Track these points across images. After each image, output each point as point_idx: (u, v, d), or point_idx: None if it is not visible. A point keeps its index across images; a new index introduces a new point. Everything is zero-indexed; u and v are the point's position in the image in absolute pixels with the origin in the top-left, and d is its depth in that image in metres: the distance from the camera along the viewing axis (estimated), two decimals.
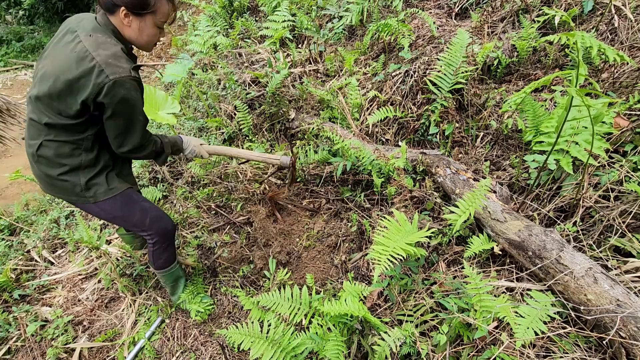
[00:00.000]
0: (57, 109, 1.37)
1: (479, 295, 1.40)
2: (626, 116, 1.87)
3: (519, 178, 1.99)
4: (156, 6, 1.39)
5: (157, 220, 1.74)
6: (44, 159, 1.46)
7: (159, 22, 1.44)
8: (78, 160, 1.48)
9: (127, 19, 1.38)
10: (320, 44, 3.40)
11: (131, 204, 1.66)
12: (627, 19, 2.25)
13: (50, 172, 1.48)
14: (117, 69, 1.30)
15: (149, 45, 1.50)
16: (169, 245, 1.86)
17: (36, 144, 1.44)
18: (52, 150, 1.44)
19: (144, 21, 1.40)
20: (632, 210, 1.57)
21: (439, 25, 2.88)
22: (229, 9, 4.30)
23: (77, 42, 1.33)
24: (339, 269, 2.06)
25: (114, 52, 1.33)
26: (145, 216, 1.70)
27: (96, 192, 1.54)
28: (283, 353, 1.50)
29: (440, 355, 1.39)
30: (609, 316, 1.27)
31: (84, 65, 1.29)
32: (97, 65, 1.28)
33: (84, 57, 1.29)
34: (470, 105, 2.42)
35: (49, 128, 1.40)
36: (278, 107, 2.93)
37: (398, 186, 2.12)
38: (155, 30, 1.46)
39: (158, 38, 1.50)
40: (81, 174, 1.51)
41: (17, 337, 2.11)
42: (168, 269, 1.93)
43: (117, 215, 1.65)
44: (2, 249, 2.63)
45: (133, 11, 1.36)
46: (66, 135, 1.42)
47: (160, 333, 2.03)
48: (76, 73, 1.29)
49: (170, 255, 1.90)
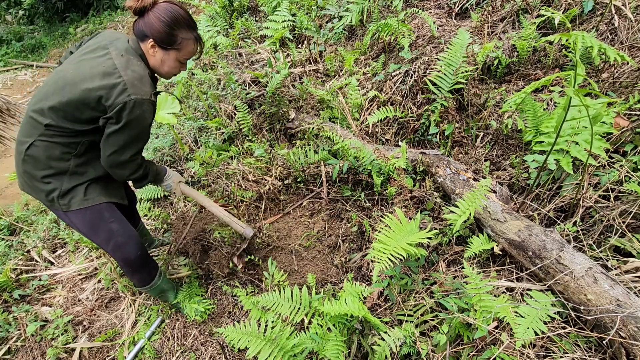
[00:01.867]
0: (65, 113, 1.38)
1: (479, 295, 1.40)
2: (626, 116, 1.87)
3: (519, 178, 1.99)
4: (182, 44, 1.48)
5: (120, 247, 1.69)
6: (32, 158, 1.45)
7: (181, 58, 1.52)
8: (67, 165, 1.48)
9: (153, 50, 1.47)
10: (320, 44, 3.40)
11: (99, 223, 1.61)
12: (627, 19, 2.25)
13: (35, 173, 1.47)
14: (140, 91, 1.37)
15: (168, 76, 1.58)
16: (135, 271, 1.82)
17: (27, 142, 1.43)
18: (42, 151, 1.43)
19: (168, 55, 1.49)
20: (632, 210, 1.57)
21: (439, 25, 2.88)
22: (229, 9, 4.30)
23: (107, 58, 1.40)
24: (339, 269, 2.06)
25: (141, 75, 1.41)
26: (109, 240, 1.65)
27: (71, 201, 1.52)
28: (281, 352, 1.50)
29: (440, 355, 1.39)
30: (609, 316, 1.27)
31: (109, 80, 1.34)
32: (122, 83, 1.34)
33: (111, 72, 1.36)
34: (470, 105, 2.42)
35: (47, 129, 1.41)
36: (278, 107, 2.93)
37: (398, 186, 2.12)
38: (177, 64, 1.54)
39: (178, 71, 1.58)
40: (65, 180, 1.50)
41: (17, 337, 2.11)
42: (147, 286, 1.91)
43: (82, 231, 1.62)
44: (2, 248, 2.64)
45: (159, 44, 1.45)
46: (61, 138, 1.43)
47: (160, 333, 2.03)
48: (98, 84, 1.34)
49: (143, 276, 1.87)
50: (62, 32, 8.16)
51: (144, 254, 1.81)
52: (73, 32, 7.82)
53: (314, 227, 2.30)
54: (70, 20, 8.53)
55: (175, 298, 2.06)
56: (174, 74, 1.58)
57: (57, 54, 7.30)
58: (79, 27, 8.03)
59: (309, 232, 2.27)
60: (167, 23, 1.41)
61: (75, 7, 8.64)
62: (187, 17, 1.46)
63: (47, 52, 7.65)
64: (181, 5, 1.47)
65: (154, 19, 1.41)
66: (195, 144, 3.07)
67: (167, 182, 1.86)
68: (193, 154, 2.96)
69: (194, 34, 1.50)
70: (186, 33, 1.47)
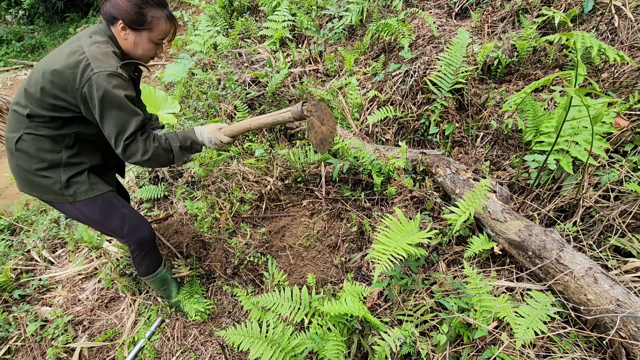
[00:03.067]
0: (41, 101, 1.38)
1: (479, 295, 1.40)
2: (626, 116, 1.86)
3: (519, 178, 1.99)
4: (153, 24, 1.43)
5: (135, 228, 1.71)
6: (23, 153, 1.44)
7: (155, 38, 1.47)
8: (59, 157, 1.47)
9: (124, 32, 1.43)
10: (320, 43, 3.40)
11: (111, 209, 1.62)
12: (627, 19, 2.25)
13: (28, 167, 1.46)
14: (103, 64, 1.33)
15: (144, 59, 1.53)
16: (148, 253, 1.83)
17: (15, 137, 1.43)
18: (32, 144, 1.43)
19: (140, 36, 1.44)
20: (632, 210, 1.57)
21: (439, 25, 2.88)
22: (229, 9, 4.30)
23: (74, 41, 1.41)
24: (339, 269, 2.06)
25: (106, 52, 1.38)
26: (124, 224, 1.67)
27: (76, 191, 1.52)
28: (282, 353, 1.50)
29: (440, 355, 1.39)
30: (609, 316, 1.27)
31: (73, 58, 1.33)
32: (85, 59, 1.32)
33: (75, 51, 1.35)
34: (470, 105, 2.42)
35: (30, 120, 1.40)
36: (278, 107, 2.93)
37: (398, 186, 2.12)
38: (151, 46, 1.49)
39: (154, 53, 1.53)
40: (62, 171, 1.49)
41: (17, 337, 2.11)
42: (152, 275, 1.91)
43: (94, 220, 1.61)
44: (2, 248, 2.64)
45: (129, 25, 1.41)
46: (46, 130, 1.43)
47: (160, 333, 2.03)
48: (63, 64, 1.33)
49: (152, 262, 1.88)
50: (62, 32, 8.16)
51: (155, 236, 1.85)
52: (73, 32, 7.81)
53: (314, 227, 2.30)
54: (70, 20, 8.53)
55: (177, 295, 2.06)
56: (150, 57, 1.53)
57: None
58: (79, 27, 8.03)
59: (309, 232, 2.27)
60: (135, 2, 1.37)
61: (75, 7, 8.65)
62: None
63: (47, 52, 7.65)
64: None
65: (120, 0, 1.37)
66: None
67: (203, 137, 1.61)
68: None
69: (164, 11, 1.45)
70: (156, 11, 1.42)
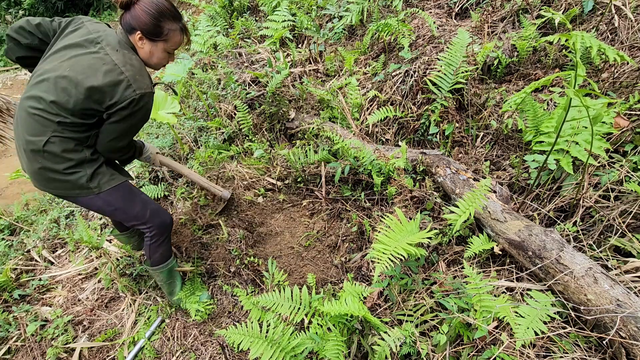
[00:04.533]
0: (73, 111, 1.44)
1: (479, 295, 1.40)
2: (626, 116, 1.86)
3: (519, 178, 1.99)
4: (169, 35, 1.55)
5: (156, 213, 1.82)
6: (51, 154, 1.49)
7: (169, 49, 1.59)
8: (82, 155, 1.55)
9: (141, 42, 1.54)
10: (320, 43, 3.40)
11: (132, 195, 1.73)
12: (627, 19, 2.25)
13: (56, 167, 1.51)
14: (142, 84, 1.46)
15: (157, 67, 1.66)
16: (165, 239, 1.91)
17: (42, 140, 1.46)
18: (58, 146, 1.48)
19: (156, 46, 1.56)
20: (632, 210, 1.57)
21: (439, 25, 2.88)
22: (229, 9, 4.30)
23: (103, 54, 1.45)
24: (339, 269, 2.06)
25: (140, 69, 1.49)
26: (146, 208, 1.77)
27: (100, 182, 1.61)
28: (283, 353, 1.49)
29: (440, 355, 1.39)
30: (609, 316, 1.27)
31: (112, 77, 1.41)
32: (126, 80, 1.42)
33: (112, 69, 1.42)
34: (470, 105, 2.42)
35: (60, 126, 1.46)
36: (278, 107, 2.93)
37: (398, 186, 2.12)
38: (165, 55, 1.61)
39: (167, 61, 1.66)
40: (86, 167, 1.58)
41: (17, 337, 2.11)
42: (164, 264, 1.96)
43: (119, 207, 1.69)
44: (2, 248, 2.63)
45: (147, 36, 1.52)
46: (74, 133, 1.50)
47: (160, 333, 2.03)
48: (102, 82, 1.40)
49: (166, 250, 1.95)
50: None
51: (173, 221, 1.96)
52: None
53: (314, 227, 2.30)
54: None
55: (182, 289, 2.08)
56: (162, 65, 1.65)
57: None
58: None
59: (309, 232, 2.27)
60: (153, 15, 1.48)
61: (75, 7, 8.65)
62: (171, 8, 1.53)
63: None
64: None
65: (140, 12, 1.47)
66: (195, 144, 3.07)
67: (146, 154, 1.98)
68: (193, 153, 2.95)
69: (179, 24, 1.56)
70: (172, 24, 1.53)
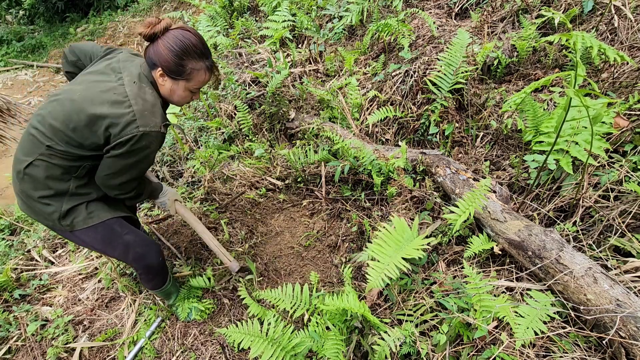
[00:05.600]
0: (68, 138, 1.32)
1: (478, 295, 1.40)
2: (626, 116, 1.87)
3: (518, 178, 1.99)
4: (191, 75, 1.41)
5: (142, 257, 1.67)
6: (30, 177, 1.38)
7: (192, 87, 1.46)
8: (66, 186, 1.42)
9: (162, 79, 1.42)
10: (320, 44, 3.40)
11: (113, 237, 1.57)
12: (627, 19, 2.25)
13: (32, 193, 1.40)
14: (149, 122, 1.31)
15: (180, 104, 1.54)
16: (155, 276, 1.81)
17: (27, 161, 1.36)
18: (42, 171, 1.37)
19: (177, 84, 1.43)
20: (631, 210, 1.57)
21: (439, 25, 2.88)
22: (229, 9, 4.30)
23: (119, 84, 1.35)
24: (339, 269, 2.06)
25: (152, 104, 1.36)
26: (127, 253, 1.62)
27: (73, 221, 1.47)
28: (283, 352, 1.50)
29: (440, 355, 1.40)
30: (609, 316, 1.27)
31: (118, 109, 1.29)
32: (131, 114, 1.29)
33: (121, 101, 1.30)
34: (470, 105, 2.42)
35: (49, 150, 1.34)
36: (278, 107, 2.93)
37: (398, 186, 2.12)
38: (187, 94, 1.48)
39: (191, 99, 1.53)
40: (65, 201, 1.44)
41: (17, 337, 2.11)
42: (159, 290, 1.92)
43: (96, 248, 1.58)
44: (3, 248, 2.64)
45: (168, 74, 1.40)
46: (63, 160, 1.37)
47: (161, 332, 2.04)
48: (106, 112, 1.28)
49: (158, 281, 1.86)
50: (62, 32, 8.16)
51: (164, 258, 1.80)
52: (73, 32, 7.82)
53: (314, 227, 2.30)
54: (71, 20, 8.53)
55: (177, 298, 2.06)
56: (186, 102, 1.53)
57: (57, 54, 7.30)
58: (79, 27, 8.04)
59: (309, 232, 2.27)
60: (176, 53, 1.35)
61: (75, 7, 8.65)
62: (199, 45, 1.39)
63: (47, 52, 7.65)
64: (195, 32, 1.40)
65: (162, 48, 1.35)
66: (195, 144, 3.07)
67: (162, 199, 1.78)
68: (193, 153, 2.96)
69: (205, 63, 1.43)
70: (196, 63, 1.40)
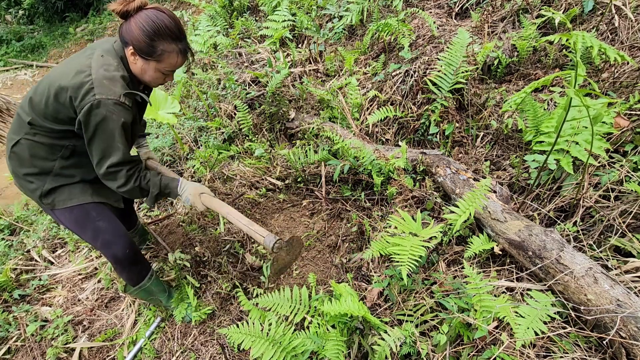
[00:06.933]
0: (44, 112, 1.38)
1: (479, 295, 1.39)
2: (626, 116, 1.86)
3: (519, 178, 1.99)
4: (162, 56, 1.39)
5: (107, 245, 1.67)
6: (17, 155, 1.46)
7: (163, 69, 1.44)
8: (51, 165, 1.48)
9: (133, 57, 1.41)
10: (320, 43, 3.40)
11: (85, 221, 1.60)
12: (627, 19, 2.25)
13: (18, 170, 1.49)
14: (106, 91, 1.30)
15: (152, 85, 1.52)
16: (124, 269, 1.79)
17: (14, 140, 1.45)
18: (27, 149, 1.44)
19: (148, 64, 1.41)
20: (632, 210, 1.57)
21: (439, 25, 2.88)
22: (229, 9, 4.30)
23: (88, 57, 1.38)
24: (339, 269, 2.06)
25: (113, 76, 1.34)
26: (96, 238, 1.64)
27: (54, 200, 1.53)
28: (284, 353, 1.49)
29: (440, 355, 1.39)
30: (609, 316, 1.27)
31: (79, 78, 1.31)
32: (89, 82, 1.30)
33: (83, 71, 1.32)
34: (471, 105, 2.42)
35: (31, 127, 1.42)
36: (278, 107, 2.93)
37: (398, 186, 2.12)
38: (159, 75, 1.46)
39: (163, 81, 1.51)
40: (48, 180, 1.50)
41: (17, 337, 2.11)
42: (135, 288, 1.90)
43: (69, 228, 1.63)
44: (2, 248, 2.63)
45: (139, 53, 1.38)
46: (45, 138, 1.43)
47: (160, 333, 2.03)
48: (68, 82, 1.31)
49: (131, 276, 1.85)
50: (62, 31, 8.16)
51: (133, 253, 1.77)
52: (73, 32, 7.82)
53: (314, 227, 2.30)
54: (70, 20, 8.53)
55: (169, 300, 2.04)
56: (159, 84, 1.51)
57: (57, 54, 7.30)
58: (79, 27, 8.03)
59: (309, 232, 2.27)
60: (147, 33, 1.32)
61: (75, 6, 8.65)
62: (172, 26, 1.35)
63: (47, 52, 7.64)
64: (170, 13, 1.36)
65: (134, 27, 1.33)
66: (195, 144, 3.07)
67: (184, 195, 1.61)
68: (193, 153, 2.95)
69: (178, 45, 1.39)
70: (168, 45, 1.36)
